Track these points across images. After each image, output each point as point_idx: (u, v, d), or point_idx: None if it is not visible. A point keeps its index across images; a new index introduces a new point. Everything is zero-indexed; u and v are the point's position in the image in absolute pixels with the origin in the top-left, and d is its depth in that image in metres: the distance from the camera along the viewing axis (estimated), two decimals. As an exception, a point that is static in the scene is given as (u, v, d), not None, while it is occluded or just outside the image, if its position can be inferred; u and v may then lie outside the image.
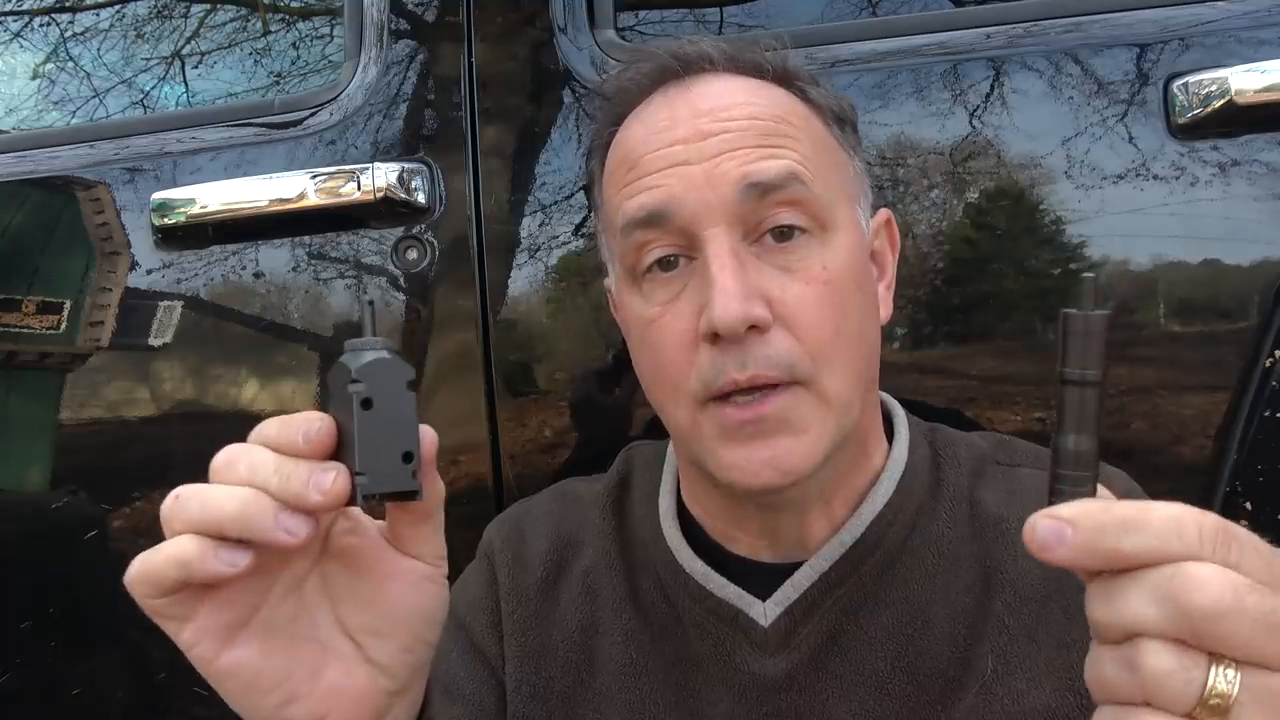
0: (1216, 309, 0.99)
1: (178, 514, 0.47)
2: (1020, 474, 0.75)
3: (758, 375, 0.63)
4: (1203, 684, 0.38)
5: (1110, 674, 0.41)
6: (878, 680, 0.70)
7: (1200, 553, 0.39)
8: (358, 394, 0.46)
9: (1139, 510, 0.40)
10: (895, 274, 0.78)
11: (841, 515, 0.72)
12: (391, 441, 0.47)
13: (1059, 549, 0.40)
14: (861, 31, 1.08)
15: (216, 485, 0.47)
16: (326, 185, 1.12)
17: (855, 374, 0.67)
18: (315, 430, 0.47)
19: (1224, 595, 0.37)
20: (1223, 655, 0.38)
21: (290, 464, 0.47)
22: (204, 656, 0.49)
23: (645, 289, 0.69)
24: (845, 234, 0.69)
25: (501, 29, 1.15)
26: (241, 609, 0.50)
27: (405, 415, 0.47)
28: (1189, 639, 0.38)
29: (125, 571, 0.48)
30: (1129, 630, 0.40)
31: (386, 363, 0.47)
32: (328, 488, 0.46)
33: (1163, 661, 0.38)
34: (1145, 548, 0.39)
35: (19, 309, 1.24)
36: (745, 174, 0.65)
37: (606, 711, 0.76)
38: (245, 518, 0.45)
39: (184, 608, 0.48)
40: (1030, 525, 0.41)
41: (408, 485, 0.48)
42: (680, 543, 0.75)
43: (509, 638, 0.79)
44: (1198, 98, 0.96)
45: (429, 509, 0.53)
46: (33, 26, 1.42)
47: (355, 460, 0.46)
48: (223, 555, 0.46)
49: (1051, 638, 0.68)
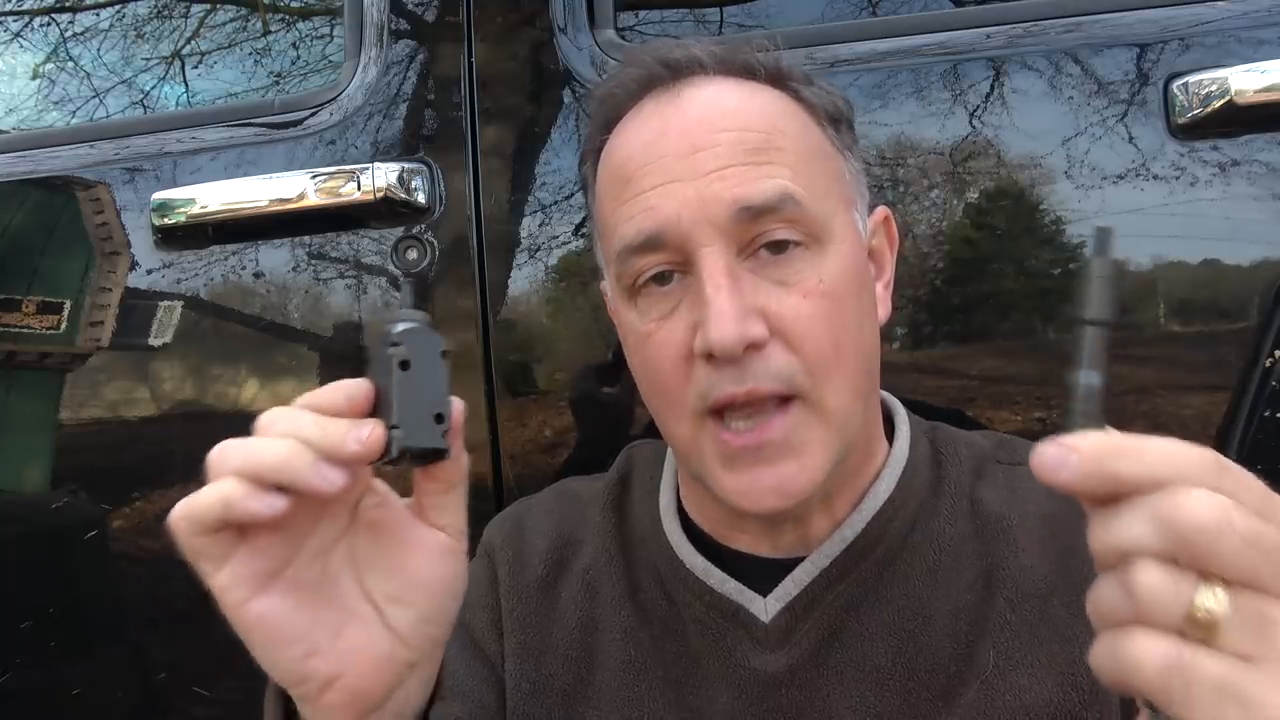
0: (1216, 309, 0.99)
1: (223, 460, 0.49)
2: (1021, 472, 0.75)
3: (755, 389, 0.63)
4: (1191, 599, 0.39)
5: (1107, 598, 0.42)
6: (879, 676, 0.70)
7: (1192, 478, 0.40)
8: (397, 355, 0.50)
9: (1139, 439, 0.42)
10: (894, 272, 0.78)
11: (843, 513, 0.72)
12: (426, 401, 0.50)
13: (1063, 472, 0.42)
14: (861, 31, 1.08)
15: (260, 437, 0.50)
16: (326, 185, 1.12)
17: (855, 386, 0.67)
18: (356, 390, 0.51)
19: (1213, 514, 0.39)
20: (1212, 575, 0.39)
21: (330, 420, 0.50)
22: (235, 601, 0.51)
23: (640, 304, 0.69)
24: (841, 243, 0.68)
25: (501, 29, 1.15)
26: (274, 561, 0.52)
27: (439, 380, 0.51)
28: (1180, 558, 0.39)
29: (127, 571, 0.49)
30: (1124, 551, 0.41)
31: (424, 331, 0.51)
32: (365, 437, 0.49)
33: (1153, 577, 0.40)
34: (1142, 472, 0.41)
35: (19, 309, 1.24)
36: (736, 198, 0.64)
37: (606, 708, 0.76)
38: (286, 464, 0.48)
39: (221, 550, 0.50)
40: (1037, 451, 0.43)
41: (438, 443, 0.51)
42: (681, 539, 0.76)
43: (509, 635, 0.79)
44: (1198, 98, 0.96)
45: (455, 476, 0.55)
46: (33, 26, 1.42)
47: (393, 416, 0.50)
48: (264, 498, 0.48)
49: (1054, 633, 0.68)
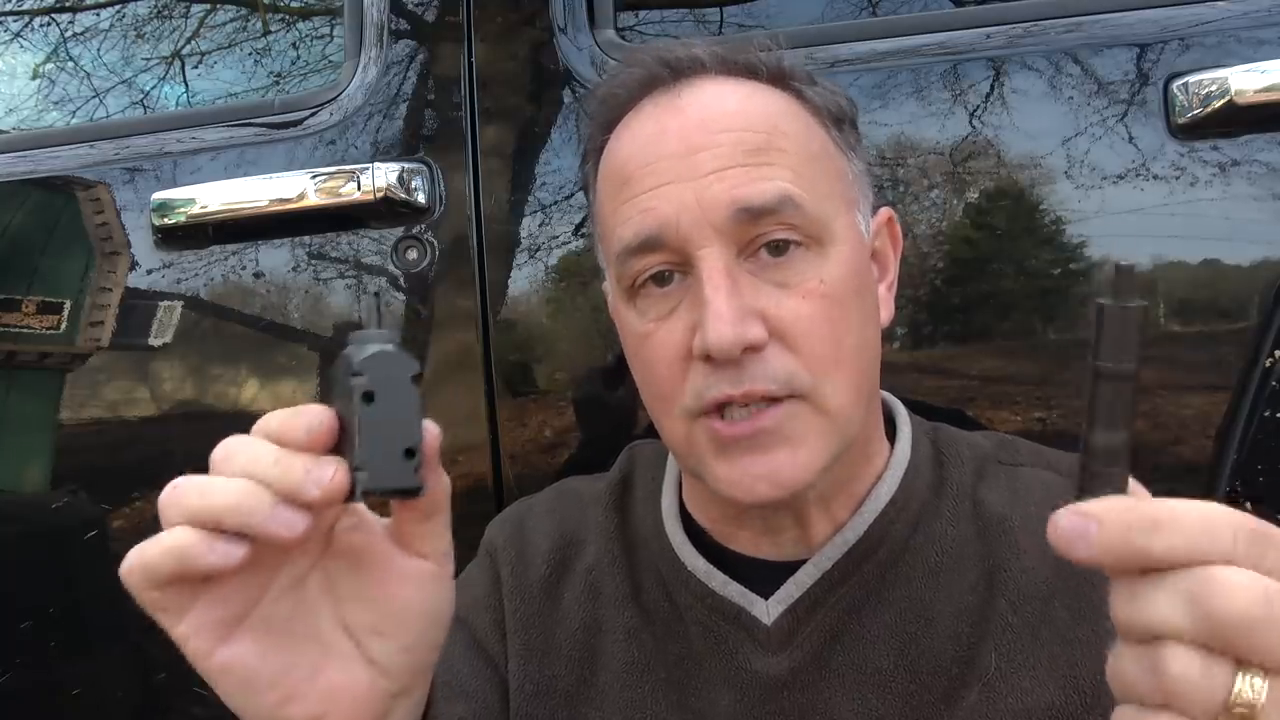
0: (1216, 309, 0.99)
1: (175, 504, 0.46)
2: (1023, 473, 0.75)
3: (752, 390, 0.63)
4: (1228, 691, 0.37)
5: (1132, 674, 0.39)
6: (880, 678, 0.69)
7: (1233, 555, 0.37)
8: (359, 387, 0.45)
9: (1169, 509, 0.38)
10: (897, 273, 0.77)
11: (843, 516, 0.72)
12: (393, 436, 0.45)
13: (1083, 547, 0.39)
14: (861, 31, 1.08)
15: (215, 476, 0.46)
16: (326, 185, 1.12)
17: (856, 387, 0.67)
18: (317, 423, 0.46)
19: (1255, 603, 0.36)
20: (1250, 663, 0.37)
21: (289, 457, 0.46)
22: (199, 651, 0.48)
23: (640, 305, 0.69)
24: (842, 245, 0.67)
25: (501, 29, 1.15)
26: (238, 604, 0.49)
27: (409, 410, 0.46)
28: (1216, 646, 0.37)
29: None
30: (1154, 633, 0.38)
31: (390, 355, 0.46)
32: (326, 482, 0.45)
33: (1188, 668, 0.37)
34: (1174, 549, 0.38)
35: (19, 309, 1.24)
36: (735, 199, 0.64)
37: (609, 710, 0.75)
38: (242, 510, 0.44)
39: (180, 600, 0.47)
40: (1054, 521, 0.40)
41: (409, 482, 0.46)
42: (683, 541, 0.75)
43: (512, 635, 0.79)
44: (1198, 98, 0.96)
45: (434, 506, 0.51)
46: (33, 26, 1.42)
47: (355, 455, 0.45)
48: (219, 547, 0.45)
49: (1055, 635, 0.68)
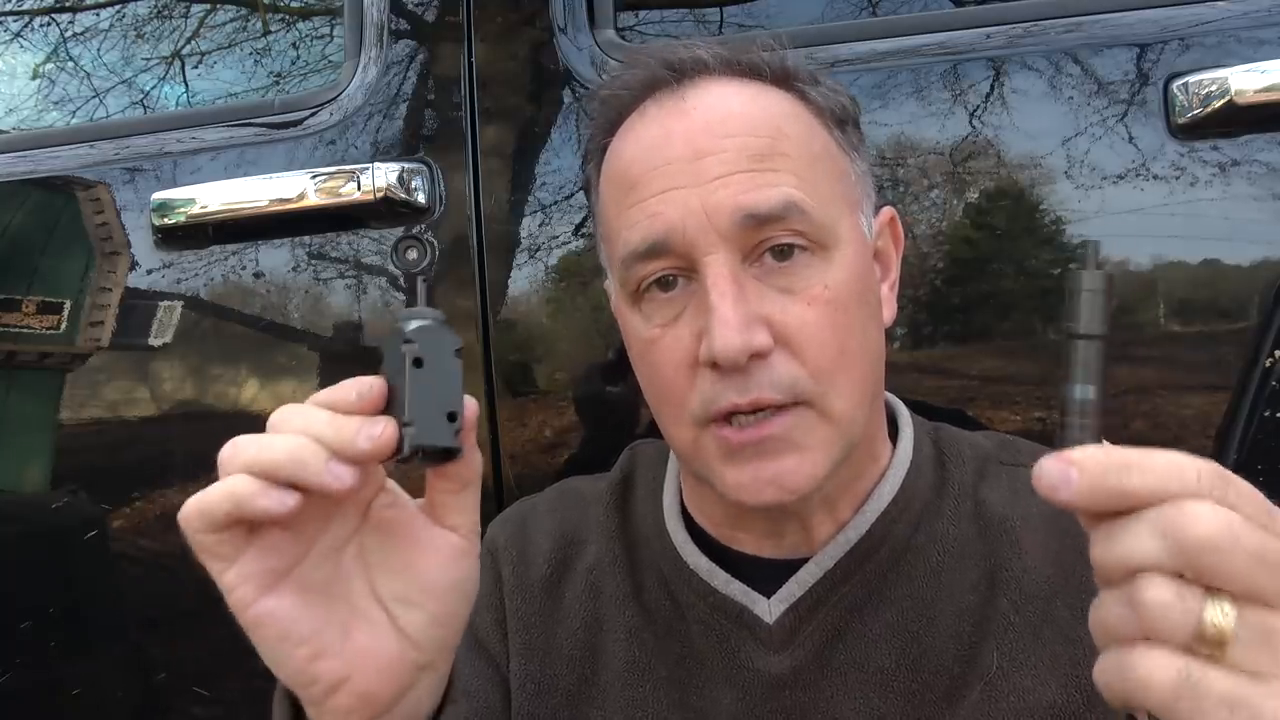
0: (1216, 309, 0.99)
1: (234, 456, 0.49)
2: (1023, 473, 0.74)
3: (759, 399, 0.63)
4: (1200, 615, 0.39)
5: (1112, 613, 0.41)
6: (882, 677, 0.70)
7: (1198, 491, 0.40)
8: (410, 353, 0.49)
9: (1140, 453, 0.41)
10: (899, 273, 0.77)
11: (846, 515, 0.72)
12: (439, 400, 0.50)
13: (1065, 489, 0.41)
14: (861, 31, 1.08)
15: (272, 434, 0.50)
16: (326, 185, 1.12)
17: (861, 390, 0.67)
18: (368, 388, 0.50)
19: (1220, 529, 0.38)
20: (1220, 590, 0.39)
21: (342, 418, 0.49)
22: (243, 600, 0.50)
23: (645, 309, 0.69)
24: (847, 248, 0.68)
25: (501, 29, 1.15)
26: (284, 559, 0.51)
27: (452, 379, 0.51)
28: (1187, 573, 0.39)
29: (127, 571, 0.48)
30: (1130, 567, 0.41)
31: (438, 329, 0.51)
32: (377, 434, 0.48)
33: (1161, 594, 0.39)
34: (1146, 486, 0.40)
35: (19, 309, 1.24)
36: (741, 205, 0.64)
37: (610, 708, 0.76)
38: (297, 461, 0.48)
39: (230, 548, 0.49)
40: (1038, 468, 0.42)
41: (451, 442, 0.51)
42: (685, 539, 0.76)
43: (514, 634, 0.79)
44: (1198, 98, 0.96)
45: (468, 475, 0.55)
46: (33, 26, 1.42)
47: (405, 413, 0.49)
48: (274, 494, 0.48)
49: (1057, 635, 0.68)
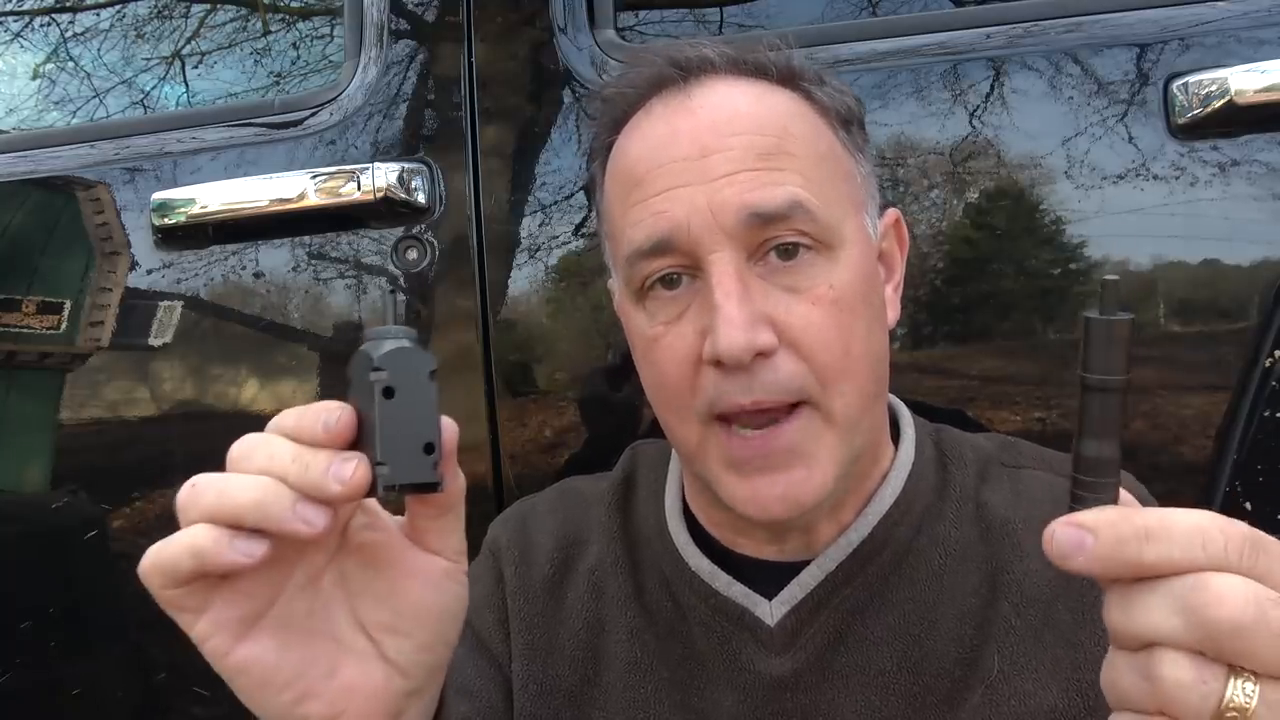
0: (1216, 309, 0.99)
1: (194, 502, 0.46)
2: (1025, 475, 0.75)
3: (762, 400, 0.63)
4: (1220, 696, 0.37)
5: (1126, 681, 0.40)
6: (884, 680, 0.69)
7: (1225, 563, 0.38)
8: (379, 382, 0.45)
9: (1161, 519, 0.39)
10: (904, 274, 0.77)
11: (848, 517, 0.72)
12: (413, 431, 0.46)
13: (1078, 558, 0.40)
14: (861, 31, 1.08)
15: (234, 474, 0.46)
16: (326, 185, 1.12)
17: (864, 392, 0.67)
18: (335, 419, 0.46)
19: (1246, 609, 0.37)
20: (1242, 668, 0.37)
21: (309, 453, 0.46)
22: (217, 650, 0.48)
23: (649, 307, 0.69)
24: (852, 248, 0.67)
25: (501, 29, 1.15)
26: (257, 602, 0.49)
27: (427, 405, 0.46)
28: (1208, 651, 0.37)
29: (127, 571, 0.47)
30: (1147, 639, 0.39)
31: (409, 352, 0.47)
32: (347, 477, 0.44)
33: (1180, 673, 0.38)
34: (1167, 558, 0.38)
35: (19, 309, 1.24)
36: (747, 203, 0.64)
37: (612, 709, 0.76)
38: (262, 507, 0.44)
39: (198, 599, 0.47)
40: (1049, 533, 0.40)
41: (428, 477, 0.46)
42: (686, 541, 0.75)
43: (516, 634, 0.79)
44: (1198, 98, 0.96)
45: (450, 502, 0.52)
46: (33, 26, 1.42)
47: (376, 450, 0.45)
48: (239, 545, 0.44)
49: (1058, 638, 0.68)
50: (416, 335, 0.48)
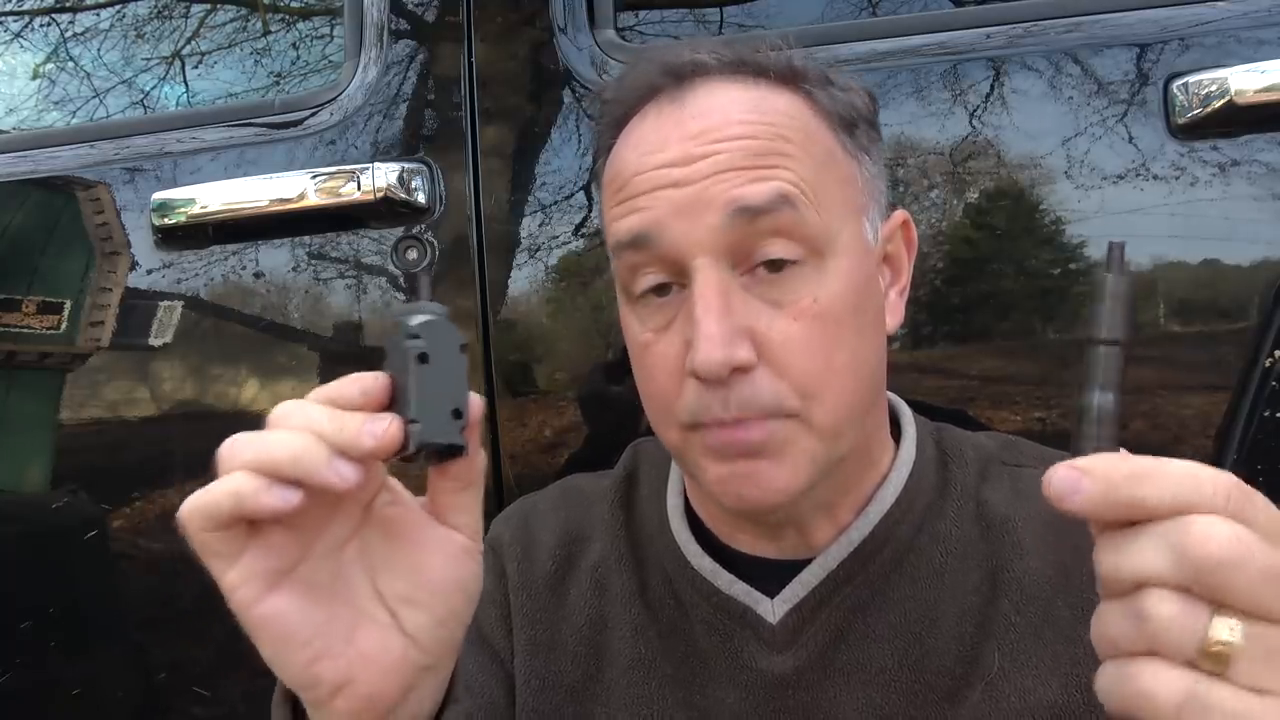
0: (1216, 309, 0.99)
1: (235, 454, 0.48)
2: (1026, 474, 0.75)
3: (741, 417, 0.63)
4: (1205, 631, 0.38)
5: (1116, 626, 0.41)
6: (885, 677, 0.70)
7: (1214, 505, 0.39)
8: (416, 348, 0.49)
9: (1155, 463, 0.40)
10: (910, 278, 0.76)
11: (847, 518, 0.72)
12: (444, 397, 0.49)
13: (1074, 497, 0.41)
14: (861, 31, 1.08)
15: (273, 431, 0.49)
16: (326, 185, 1.12)
17: (848, 404, 0.66)
18: (372, 383, 0.50)
19: (1231, 545, 0.38)
20: (1227, 606, 0.38)
21: (346, 414, 0.48)
22: (245, 600, 0.49)
23: (640, 312, 0.69)
24: (844, 258, 0.66)
25: (501, 29, 1.15)
26: (286, 557, 0.50)
27: (457, 374, 0.50)
28: (1194, 588, 0.39)
29: (127, 571, 0.47)
30: (1136, 580, 0.40)
31: (443, 324, 0.50)
32: (381, 432, 0.47)
33: (1167, 608, 0.39)
34: (1159, 498, 0.40)
35: (19, 309, 1.24)
36: (733, 198, 0.63)
37: (614, 706, 0.76)
38: (300, 459, 0.47)
39: (233, 545, 0.48)
40: (1048, 475, 0.42)
41: (456, 439, 0.50)
42: (688, 539, 0.75)
43: (518, 630, 0.79)
44: (1198, 98, 0.96)
45: (471, 475, 0.54)
46: (33, 26, 1.42)
47: (410, 410, 0.48)
48: (276, 491, 0.47)
49: (1058, 635, 0.68)
50: (448, 312, 0.51)
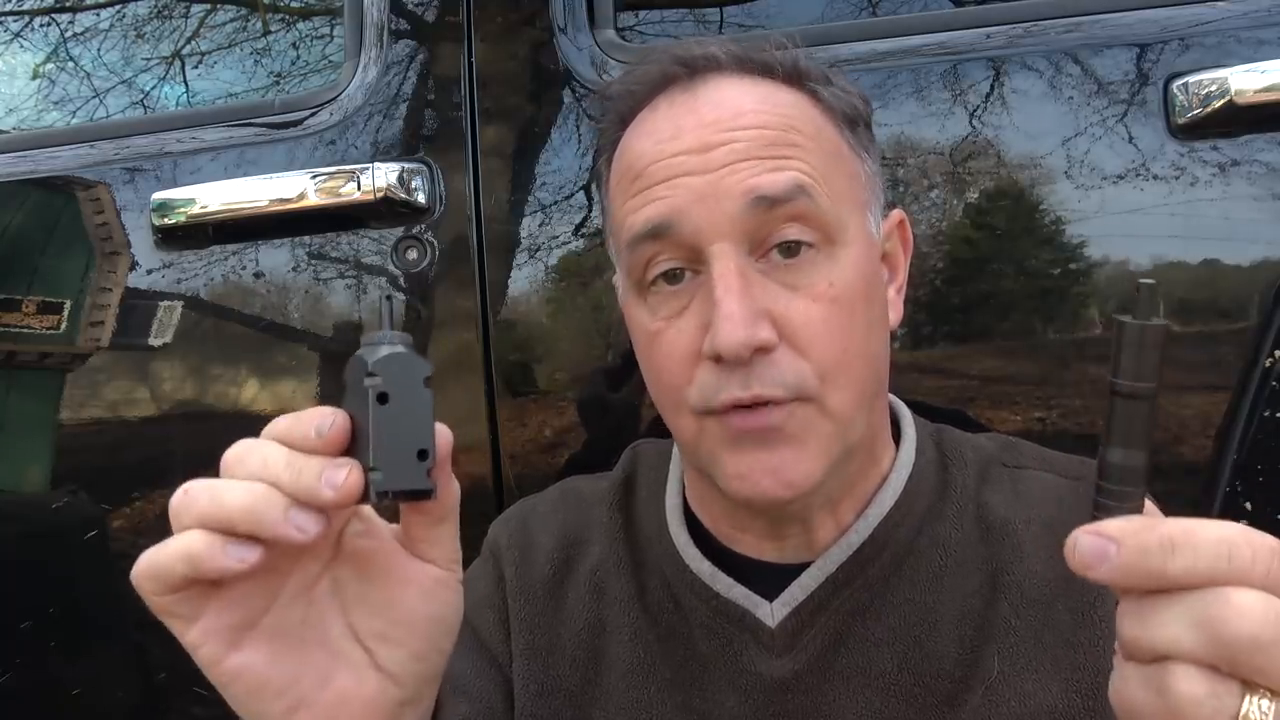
0: (1216, 309, 0.99)
1: (187, 508, 0.46)
2: (1026, 476, 0.75)
3: (760, 394, 0.63)
4: (1235, 713, 0.37)
5: (1138, 694, 0.39)
6: (884, 681, 0.69)
7: (1249, 577, 0.37)
8: (374, 388, 0.45)
9: (1186, 530, 0.38)
10: (907, 276, 0.77)
11: (848, 519, 0.72)
12: (407, 438, 0.46)
13: (1101, 568, 0.39)
14: (861, 31, 1.08)
15: (227, 480, 0.46)
16: (326, 185, 1.12)
17: (861, 390, 0.67)
18: (329, 425, 0.46)
19: (1265, 625, 0.36)
20: (1257, 684, 0.37)
21: (303, 459, 0.45)
22: (210, 658, 0.48)
23: (650, 301, 0.68)
24: (854, 247, 0.67)
25: (501, 29, 1.15)
26: (250, 610, 0.48)
27: (421, 412, 0.46)
28: (1223, 666, 0.37)
29: (127, 571, 0.47)
30: (1162, 653, 0.38)
31: (404, 357, 0.46)
32: (340, 483, 0.44)
33: (1194, 687, 0.37)
34: (1191, 569, 0.38)
35: (19, 309, 1.24)
36: (751, 186, 0.63)
37: (613, 710, 0.75)
38: (256, 513, 0.44)
39: (191, 606, 0.47)
40: (1072, 542, 0.40)
41: (422, 484, 0.46)
42: (687, 542, 0.75)
43: (516, 634, 0.79)
44: (1198, 98, 0.96)
45: (444, 510, 0.51)
46: (33, 26, 1.42)
47: (369, 456, 0.45)
48: (232, 551, 0.44)
49: (1058, 639, 0.68)
50: (412, 341, 0.48)
